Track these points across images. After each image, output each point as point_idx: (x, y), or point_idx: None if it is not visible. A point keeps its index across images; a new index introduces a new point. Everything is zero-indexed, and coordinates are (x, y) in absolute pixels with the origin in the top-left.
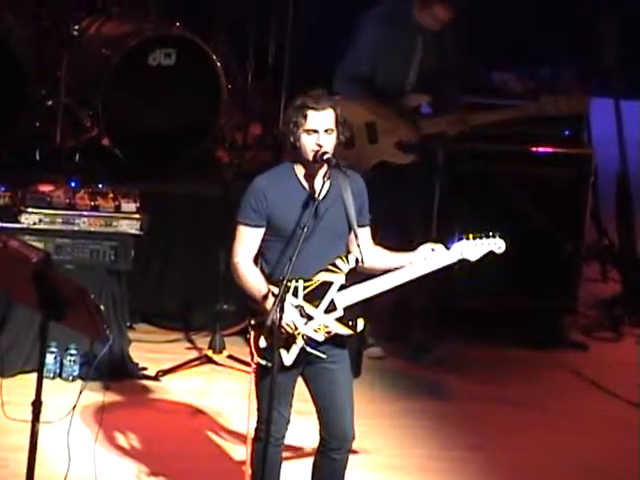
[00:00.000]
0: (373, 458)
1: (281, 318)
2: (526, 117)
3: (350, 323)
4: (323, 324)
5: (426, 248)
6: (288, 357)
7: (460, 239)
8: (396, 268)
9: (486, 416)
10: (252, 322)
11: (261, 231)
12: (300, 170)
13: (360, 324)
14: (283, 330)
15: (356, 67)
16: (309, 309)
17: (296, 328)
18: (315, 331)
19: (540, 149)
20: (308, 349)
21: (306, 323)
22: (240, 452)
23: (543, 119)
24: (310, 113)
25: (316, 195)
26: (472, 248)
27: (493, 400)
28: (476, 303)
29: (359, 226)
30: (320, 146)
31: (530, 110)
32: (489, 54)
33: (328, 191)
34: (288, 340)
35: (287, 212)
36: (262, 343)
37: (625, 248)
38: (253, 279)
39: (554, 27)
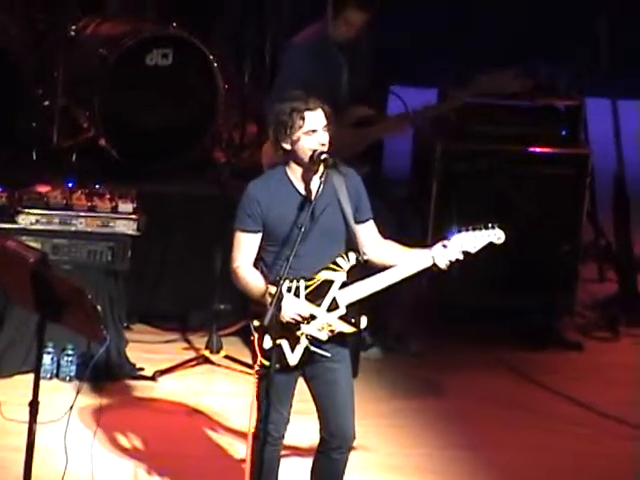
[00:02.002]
0: (371, 457)
1: (279, 316)
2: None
3: (353, 321)
4: (326, 323)
5: (439, 245)
6: (293, 357)
7: (459, 231)
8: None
9: (483, 416)
10: (255, 324)
11: (258, 236)
12: (294, 172)
13: (363, 321)
14: (292, 321)
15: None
16: (312, 308)
17: (304, 319)
18: (319, 330)
19: (537, 149)
20: (312, 348)
21: (309, 322)
22: (238, 451)
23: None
24: (307, 114)
25: (312, 196)
26: (472, 239)
27: (490, 400)
28: (472, 302)
29: (359, 222)
30: (323, 144)
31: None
32: (486, 53)
33: (323, 191)
34: (292, 340)
35: (282, 216)
36: (266, 344)
37: (622, 248)
38: (253, 280)
39: (551, 26)
